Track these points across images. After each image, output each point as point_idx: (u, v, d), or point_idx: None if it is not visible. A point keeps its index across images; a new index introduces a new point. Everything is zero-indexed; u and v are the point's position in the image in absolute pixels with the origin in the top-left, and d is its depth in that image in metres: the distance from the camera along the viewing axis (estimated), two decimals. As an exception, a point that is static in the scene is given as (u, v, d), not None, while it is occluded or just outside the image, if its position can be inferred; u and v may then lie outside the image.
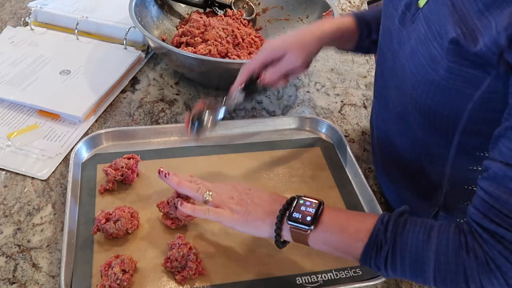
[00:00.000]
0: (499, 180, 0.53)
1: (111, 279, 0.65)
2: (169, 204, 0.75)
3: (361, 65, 1.21)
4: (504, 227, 0.52)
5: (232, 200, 0.68)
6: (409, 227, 0.58)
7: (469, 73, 0.57)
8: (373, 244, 0.59)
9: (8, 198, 0.80)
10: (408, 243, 0.57)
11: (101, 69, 1.07)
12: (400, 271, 0.59)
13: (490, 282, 0.54)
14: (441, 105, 0.62)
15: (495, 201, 0.53)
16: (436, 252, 0.56)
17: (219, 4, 1.20)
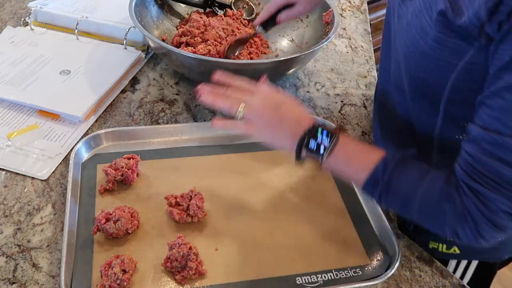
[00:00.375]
0: (478, 143, 0.59)
1: (111, 279, 0.65)
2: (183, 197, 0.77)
3: (361, 65, 1.21)
4: (482, 184, 0.59)
5: (263, 117, 0.72)
6: (406, 169, 0.65)
7: (455, 43, 0.62)
8: (372, 180, 0.66)
9: (8, 198, 0.80)
10: (402, 183, 0.65)
11: (101, 69, 1.07)
12: (391, 205, 0.69)
13: (463, 230, 0.61)
14: (428, 74, 0.67)
15: (475, 162, 0.59)
16: (423, 195, 0.63)
17: (219, 4, 1.20)
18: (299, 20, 1.19)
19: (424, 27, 0.65)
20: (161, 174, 0.85)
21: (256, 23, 1.09)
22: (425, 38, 0.65)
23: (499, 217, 0.59)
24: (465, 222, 0.61)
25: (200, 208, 0.76)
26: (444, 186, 0.62)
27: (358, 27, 1.36)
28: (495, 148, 0.57)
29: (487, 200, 0.59)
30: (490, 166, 0.58)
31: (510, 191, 0.58)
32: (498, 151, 0.57)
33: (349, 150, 0.69)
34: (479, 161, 0.59)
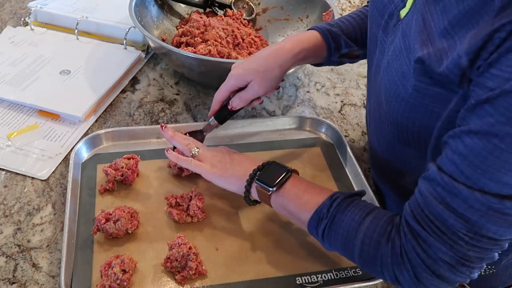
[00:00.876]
0: (430, 181, 0.55)
1: (111, 279, 0.65)
2: (183, 198, 0.77)
3: (361, 65, 1.21)
4: (425, 229, 0.55)
5: (215, 157, 0.76)
6: (351, 207, 0.62)
7: (435, 91, 0.58)
8: (316, 217, 0.64)
9: (8, 198, 0.80)
10: (344, 222, 0.61)
11: (101, 69, 1.07)
12: (334, 245, 0.64)
13: (401, 273, 0.57)
14: (411, 121, 0.63)
15: (423, 201, 0.55)
16: (364, 235, 0.60)
17: (219, 4, 1.20)
18: (299, 20, 1.19)
19: (404, 72, 0.60)
20: (161, 174, 0.85)
21: (209, 116, 0.87)
22: (405, 84, 0.60)
23: (437, 266, 0.55)
24: (402, 264, 0.57)
25: (200, 208, 0.76)
26: (385, 225, 0.59)
27: (358, 27, 1.36)
28: (445, 192, 0.53)
29: (427, 246, 0.55)
30: (436, 210, 0.54)
31: (453, 240, 0.53)
32: (447, 196, 0.53)
33: (300, 185, 0.69)
34: (427, 202, 0.55)
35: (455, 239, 0.53)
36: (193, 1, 1.19)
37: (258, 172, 0.71)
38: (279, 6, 1.22)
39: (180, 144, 0.78)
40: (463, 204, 0.52)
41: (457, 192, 0.52)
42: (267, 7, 1.24)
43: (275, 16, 1.22)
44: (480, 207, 0.51)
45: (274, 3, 1.23)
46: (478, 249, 0.53)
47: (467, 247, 0.53)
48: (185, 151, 0.77)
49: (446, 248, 0.54)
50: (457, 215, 0.52)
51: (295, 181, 0.69)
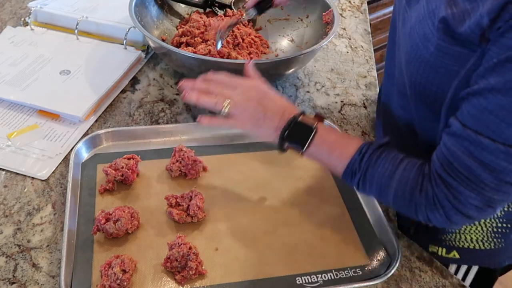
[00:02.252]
0: (456, 137, 0.61)
1: (111, 279, 0.65)
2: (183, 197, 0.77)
3: (361, 65, 1.21)
4: (455, 179, 0.62)
5: (247, 111, 0.73)
6: (382, 159, 0.68)
7: (456, 51, 0.62)
8: (349, 171, 0.70)
9: (8, 198, 0.80)
10: (377, 174, 0.68)
11: (101, 69, 1.07)
12: (369, 194, 0.72)
13: (434, 216, 0.65)
14: (429, 81, 0.67)
15: (451, 156, 0.62)
16: (397, 185, 0.66)
17: (219, 4, 1.20)
18: (299, 20, 1.19)
19: (427, 34, 0.65)
20: (161, 174, 0.85)
21: (249, 6, 1.01)
22: (427, 45, 0.65)
23: (467, 208, 0.63)
24: (435, 209, 0.64)
25: (200, 208, 0.76)
26: (417, 176, 0.65)
27: (358, 27, 1.36)
28: (472, 146, 0.59)
29: (458, 193, 0.62)
30: (465, 163, 0.60)
31: (481, 187, 0.60)
32: (474, 150, 0.59)
33: (327, 142, 0.72)
34: (455, 156, 0.61)
35: (482, 186, 0.60)
36: (193, 1, 1.19)
37: (286, 131, 0.72)
38: (279, 6, 1.22)
39: (208, 102, 0.75)
40: (489, 156, 0.58)
41: (483, 146, 0.58)
42: (267, 7, 1.24)
43: (275, 16, 1.22)
44: (505, 157, 0.58)
45: (274, 3, 1.23)
46: (502, 193, 0.61)
47: (493, 192, 0.61)
48: (217, 109, 0.75)
49: (474, 194, 0.61)
50: (484, 165, 0.59)
51: (322, 137, 0.72)
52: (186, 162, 0.82)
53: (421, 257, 0.77)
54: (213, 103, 0.74)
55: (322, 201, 0.82)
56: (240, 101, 0.74)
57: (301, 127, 0.72)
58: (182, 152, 0.83)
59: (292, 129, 0.72)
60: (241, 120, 0.74)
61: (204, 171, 0.86)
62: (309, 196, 0.83)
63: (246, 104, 0.74)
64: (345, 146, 0.71)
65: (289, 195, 0.83)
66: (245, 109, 0.74)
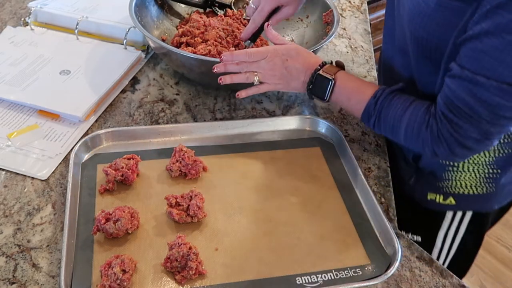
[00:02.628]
0: (456, 79, 0.70)
1: (111, 279, 0.65)
2: (183, 197, 0.77)
3: (361, 65, 1.21)
4: (454, 114, 0.72)
5: (275, 76, 0.86)
6: (394, 102, 0.79)
7: (455, 5, 0.69)
8: (366, 113, 0.82)
9: (8, 198, 0.80)
10: (389, 114, 0.79)
11: (101, 69, 1.07)
12: (383, 131, 0.83)
13: (438, 149, 0.76)
14: (431, 34, 0.75)
15: (452, 95, 0.71)
16: (407, 123, 0.77)
17: (219, 4, 1.20)
18: (299, 20, 1.19)
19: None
20: (161, 174, 0.85)
21: (244, 38, 1.05)
22: (428, 2, 0.73)
23: (467, 141, 0.73)
24: (440, 143, 0.75)
25: (200, 208, 0.76)
26: (424, 115, 0.76)
27: (358, 27, 1.36)
28: (470, 85, 0.68)
29: (459, 128, 0.72)
30: (464, 100, 0.69)
31: (478, 121, 0.70)
32: (472, 88, 0.68)
33: (345, 90, 0.84)
34: (456, 95, 0.70)
35: (480, 120, 0.70)
36: (193, 1, 1.19)
37: (311, 85, 0.85)
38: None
39: (241, 79, 0.87)
40: (485, 93, 0.67)
41: (479, 84, 0.67)
42: (267, 7, 1.24)
43: (275, 16, 1.22)
44: (498, 93, 0.66)
45: (274, 3, 1.23)
46: (498, 126, 0.70)
47: (489, 125, 0.70)
48: (249, 82, 0.87)
49: (473, 128, 0.71)
50: (481, 101, 0.68)
51: (340, 86, 0.84)
52: (186, 162, 0.82)
53: (421, 257, 0.77)
54: (245, 79, 0.87)
55: (322, 201, 0.82)
56: (266, 70, 0.86)
57: (321, 80, 0.84)
58: (182, 152, 0.83)
59: (314, 83, 0.84)
60: (272, 84, 0.87)
61: (204, 171, 0.86)
62: (309, 196, 0.83)
63: (272, 71, 0.86)
64: (361, 92, 0.82)
65: (289, 195, 0.83)
66: (273, 75, 0.86)
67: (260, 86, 0.88)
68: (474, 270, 1.95)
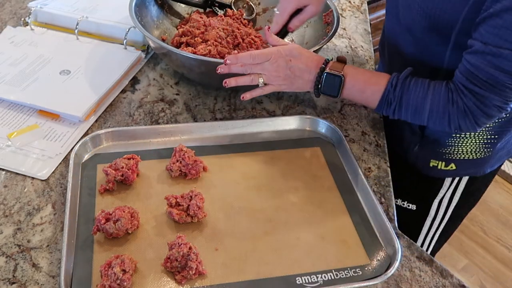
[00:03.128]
0: (479, 54, 0.74)
1: (111, 279, 0.65)
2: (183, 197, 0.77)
3: (361, 65, 1.21)
4: (478, 86, 0.76)
5: (279, 77, 0.87)
6: (412, 86, 0.82)
7: None
8: (385, 101, 0.84)
9: (8, 198, 0.80)
10: (411, 99, 0.82)
11: (101, 69, 1.07)
12: (404, 116, 0.85)
13: (464, 123, 0.80)
14: (443, 10, 0.78)
15: (474, 69, 0.75)
16: (431, 104, 0.81)
17: (219, 4, 1.20)
18: (299, 20, 1.19)
19: None
20: (161, 174, 0.85)
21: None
22: None
23: (492, 110, 0.78)
24: (466, 117, 0.79)
25: (200, 208, 0.76)
26: (446, 93, 0.79)
27: (358, 27, 1.36)
28: (494, 59, 0.72)
29: (484, 98, 0.76)
30: (489, 73, 0.74)
31: (502, 90, 0.75)
32: (496, 61, 0.72)
33: (357, 84, 0.85)
34: (480, 69, 0.74)
35: (503, 89, 0.75)
36: (193, 1, 1.19)
37: (319, 85, 0.86)
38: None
39: (246, 82, 0.88)
40: (509, 63, 0.72)
41: (504, 56, 0.72)
42: (267, 7, 1.24)
43: (275, 16, 1.22)
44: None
45: (274, 3, 1.23)
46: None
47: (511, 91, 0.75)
48: (254, 83, 0.88)
49: (498, 96, 0.76)
50: (505, 72, 0.73)
51: (351, 81, 0.85)
52: (186, 162, 0.83)
53: (421, 257, 0.77)
54: (249, 81, 0.88)
55: (322, 201, 0.82)
56: (271, 72, 0.87)
57: (330, 78, 0.85)
58: (183, 152, 0.83)
59: (323, 81, 0.85)
60: (276, 85, 0.88)
61: (204, 171, 0.86)
62: (309, 196, 0.83)
63: (276, 72, 0.87)
64: (374, 83, 0.85)
65: (289, 195, 0.83)
66: (277, 76, 0.87)
67: (265, 87, 0.88)
68: (474, 270, 1.96)
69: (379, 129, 1.02)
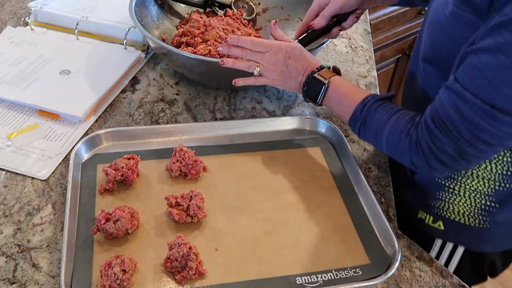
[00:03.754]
0: (448, 90, 0.68)
1: (111, 279, 0.65)
2: (183, 197, 0.77)
3: (361, 65, 1.21)
4: (436, 125, 0.69)
5: (275, 71, 0.86)
6: (380, 109, 0.77)
7: (468, 18, 0.69)
8: (353, 118, 0.80)
9: (8, 198, 0.80)
10: (374, 121, 0.77)
11: (101, 69, 1.07)
12: (367, 138, 0.81)
13: (416, 159, 0.73)
14: (442, 44, 0.74)
15: (439, 106, 0.69)
16: (389, 131, 0.75)
17: (219, 4, 1.20)
18: (299, 20, 1.19)
19: (447, 1, 0.72)
20: (161, 174, 0.85)
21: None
22: (445, 10, 0.72)
23: (443, 155, 0.70)
24: (417, 153, 0.72)
25: (200, 208, 0.76)
26: (407, 123, 0.74)
27: (358, 27, 1.36)
28: (457, 99, 0.66)
29: (437, 140, 0.69)
30: (448, 113, 0.67)
31: (457, 138, 0.67)
32: (458, 102, 0.66)
33: (337, 95, 0.83)
34: (442, 106, 0.68)
35: (458, 137, 0.67)
36: (193, 1, 1.19)
37: (305, 87, 0.85)
38: (279, 6, 1.22)
39: (244, 67, 0.87)
40: (468, 110, 0.65)
41: (466, 99, 0.65)
42: (267, 7, 1.24)
43: (275, 16, 1.22)
44: (481, 114, 0.64)
45: (274, 3, 1.23)
46: (475, 148, 0.68)
47: (467, 144, 0.67)
48: (250, 71, 0.87)
49: (450, 143, 0.68)
50: (463, 118, 0.66)
51: (333, 91, 0.83)
52: (186, 162, 0.82)
53: (421, 257, 0.77)
54: (246, 67, 0.87)
55: (322, 201, 0.82)
56: (268, 64, 0.86)
57: (315, 83, 0.83)
58: (183, 152, 0.83)
59: (309, 84, 0.84)
60: (270, 78, 0.87)
61: (204, 171, 0.86)
62: (309, 196, 0.83)
63: (273, 66, 0.86)
64: (352, 97, 0.81)
65: (289, 195, 0.83)
66: (273, 69, 0.86)
67: (259, 78, 0.87)
68: (474, 270, 1.95)
69: (379, 129, 1.01)
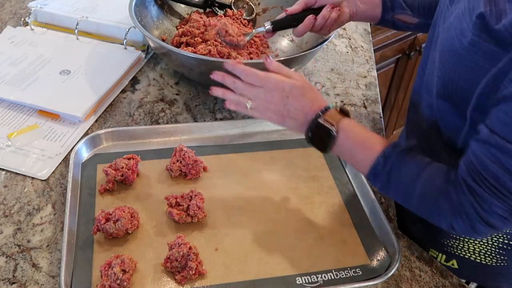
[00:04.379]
0: (484, 144, 0.60)
1: (111, 279, 0.65)
2: (183, 197, 0.77)
3: (361, 65, 1.21)
4: (481, 186, 0.60)
5: (269, 110, 0.75)
6: (406, 162, 0.67)
7: (489, 48, 0.61)
8: (374, 172, 0.69)
9: (8, 198, 0.80)
10: (401, 177, 0.67)
11: (101, 69, 1.07)
12: (393, 195, 0.71)
13: (457, 223, 0.64)
14: (458, 75, 0.66)
15: (478, 163, 0.61)
16: (422, 190, 0.65)
17: (219, 4, 1.20)
18: (299, 20, 1.19)
19: (463, 29, 0.65)
20: (161, 174, 0.85)
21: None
22: (461, 39, 0.65)
23: (492, 218, 0.61)
24: (459, 217, 0.63)
25: (200, 208, 0.76)
26: (443, 183, 0.64)
27: (358, 27, 1.36)
28: (499, 153, 0.58)
29: (483, 201, 0.60)
30: (491, 170, 0.59)
31: (506, 196, 0.59)
32: (501, 157, 0.58)
33: (348, 144, 0.71)
34: (482, 163, 0.60)
35: (507, 194, 0.59)
36: (193, 1, 1.19)
37: (309, 133, 0.72)
38: (279, 6, 1.22)
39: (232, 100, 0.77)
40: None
41: (510, 153, 0.57)
42: (267, 7, 1.24)
43: (275, 16, 1.22)
44: None
45: (274, 3, 1.23)
46: None
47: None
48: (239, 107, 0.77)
49: (499, 202, 0.60)
50: (510, 173, 0.58)
51: (344, 140, 0.71)
52: (186, 162, 0.82)
53: (421, 257, 0.77)
54: (236, 101, 0.76)
55: (322, 201, 0.82)
56: (262, 101, 0.74)
57: (321, 130, 0.71)
58: (183, 152, 0.83)
59: (313, 131, 0.72)
60: (263, 115, 0.75)
61: (204, 171, 0.86)
62: (309, 196, 0.83)
63: (268, 103, 0.74)
64: (368, 148, 0.70)
65: (289, 195, 0.83)
66: (267, 108, 0.74)
67: (251, 111, 0.76)
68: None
69: (379, 129, 1.02)
